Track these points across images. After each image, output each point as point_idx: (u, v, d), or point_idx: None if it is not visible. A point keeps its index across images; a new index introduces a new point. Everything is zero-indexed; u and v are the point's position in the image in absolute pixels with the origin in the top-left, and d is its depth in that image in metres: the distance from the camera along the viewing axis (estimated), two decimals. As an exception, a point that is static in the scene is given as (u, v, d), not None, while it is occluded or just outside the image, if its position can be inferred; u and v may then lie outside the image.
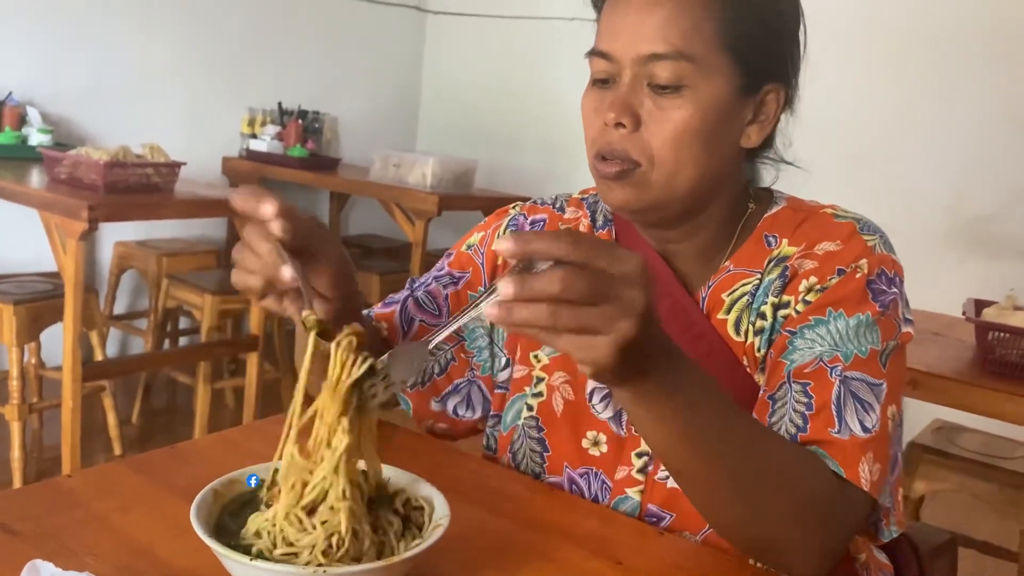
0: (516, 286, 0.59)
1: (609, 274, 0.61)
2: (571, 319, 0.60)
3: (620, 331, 0.61)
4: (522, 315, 0.60)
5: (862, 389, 0.83)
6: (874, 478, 0.81)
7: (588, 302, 0.60)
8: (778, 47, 0.88)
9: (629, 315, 0.61)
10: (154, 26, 3.83)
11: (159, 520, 0.78)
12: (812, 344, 0.85)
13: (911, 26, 3.61)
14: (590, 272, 0.60)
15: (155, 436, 3.30)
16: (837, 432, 0.81)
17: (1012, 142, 3.44)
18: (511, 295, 0.60)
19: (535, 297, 0.60)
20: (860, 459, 0.81)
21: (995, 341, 1.71)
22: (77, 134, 3.58)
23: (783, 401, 0.84)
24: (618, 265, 0.61)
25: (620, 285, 0.61)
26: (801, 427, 0.82)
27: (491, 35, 4.82)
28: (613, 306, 0.61)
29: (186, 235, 3.90)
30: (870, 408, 0.82)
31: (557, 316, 0.60)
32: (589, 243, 0.61)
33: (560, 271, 0.59)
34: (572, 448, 0.97)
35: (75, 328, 2.50)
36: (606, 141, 0.86)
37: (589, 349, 0.62)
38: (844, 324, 0.84)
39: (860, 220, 0.91)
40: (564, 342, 0.62)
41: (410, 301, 1.07)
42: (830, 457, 0.81)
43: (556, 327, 0.60)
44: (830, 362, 0.83)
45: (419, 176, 3.70)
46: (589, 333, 0.61)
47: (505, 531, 0.83)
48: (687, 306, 0.93)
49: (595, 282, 0.60)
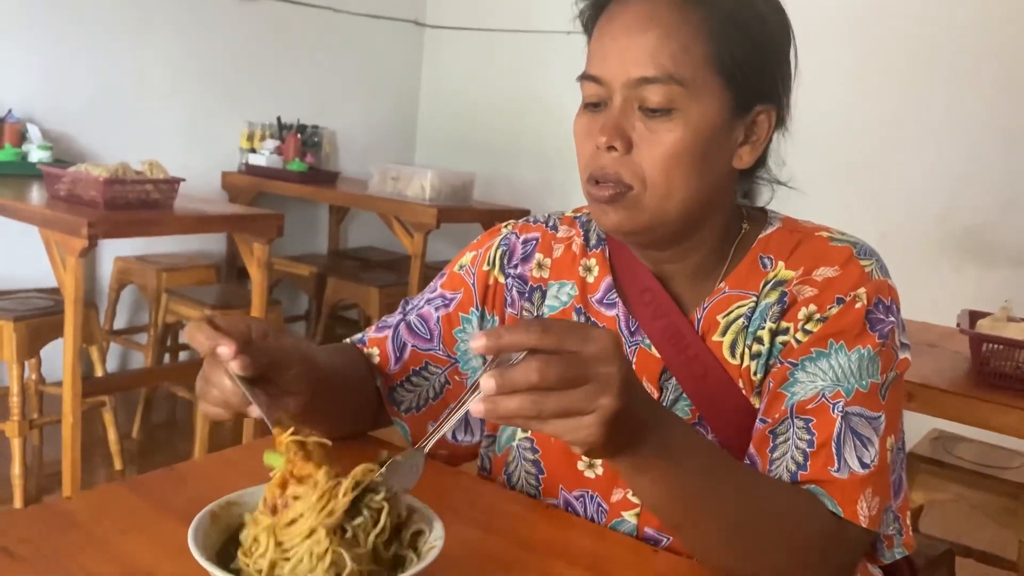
0: (496, 381, 0.62)
1: (582, 356, 0.64)
2: (554, 404, 0.63)
3: (603, 408, 0.64)
4: (508, 408, 0.63)
5: (861, 424, 0.84)
6: (872, 512, 0.83)
7: (567, 386, 0.63)
8: (768, 68, 0.88)
9: (608, 391, 0.64)
10: (153, 43, 3.86)
11: (157, 542, 0.79)
12: (814, 378, 0.86)
13: (906, 37, 3.63)
14: (563, 357, 0.63)
15: (155, 451, 3.30)
16: (836, 471, 0.82)
17: (1007, 151, 3.46)
18: (493, 390, 0.63)
19: (516, 388, 0.62)
20: (859, 497, 0.82)
21: (989, 353, 1.71)
22: (77, 151, 3.60)
23: (785, 437, 0.85)
24: (589, 345, 0.64)
25: (594, 364, 0.64)
26: (802, 464, 0.83)
27: (489, 49, 4.85)
28: (592, 385, 0.64)
29: (185, 250, 3.91)
30: (869, 443, 0.83)
31: (541, 404, 0.63)
32: (557, 329, 0.64)
33: (534, 361, 0.62)
34: (567, 470, 0.98)
35: (75, 344, 2.51)
36: (598, 165, 0.87)
37: (577, 430, 0.65)
38: (846, 359, 0.85)
39: (856, 244, 0.92)
40: (552, 427, 0.65)
41: (402, 326, 1.08)
42: (829, 496, 0.82)
43: (541, 414, 0.63)
44: (832, 398, 0.84)
45: (417, 189, 3.72)
46: (574, 415, 0.64)
47: (500, 550, 0.84)
48: (682, 327, 0.93)
49: (570, 366, 0.63)
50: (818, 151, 3.56)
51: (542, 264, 1.04)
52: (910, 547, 0.90)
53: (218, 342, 0.75)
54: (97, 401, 2.90)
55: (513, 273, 1.05)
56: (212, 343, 0.75)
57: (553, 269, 1.03)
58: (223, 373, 0.77)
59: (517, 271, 1.05)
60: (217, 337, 0.75)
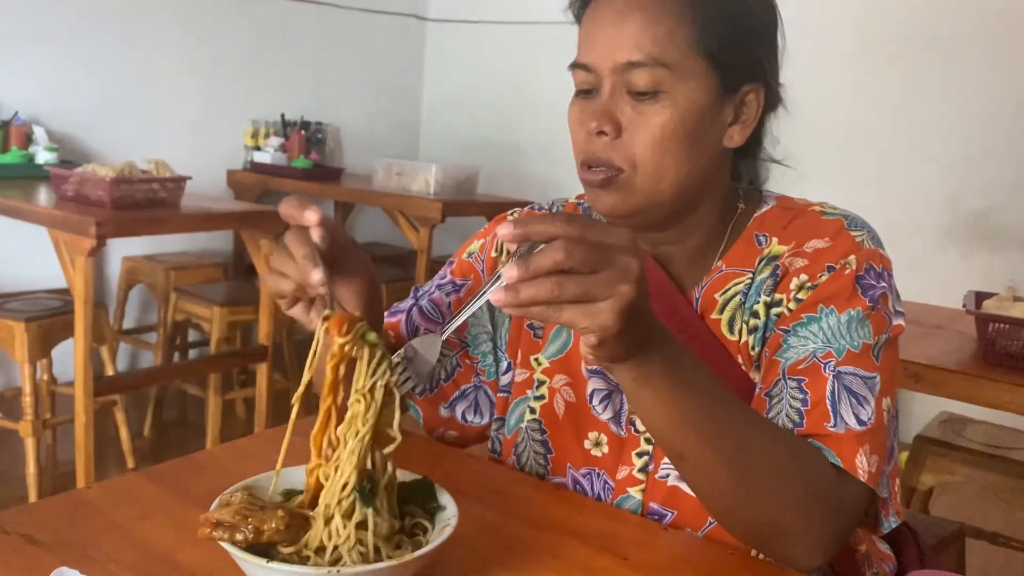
0: (520, 267, 0.64)
1: (605, 243, 0.65)
2: (575, 286, 0.64)
3: (621, 295, 0.65)
4: (528, 292, 0.64)
5: (855, 383, 0.85)
6: (872, 469, 0.83)
7: (588, 270, 0.64)
8: (754, 48, 0.90)
9: (628, 279, 0.65)
10: (156, 42, 3.87)
11: (177, 527, 0.81)
12: (805, 341, 0.87)
13: (910, 21, 3.62)
14: (587, 242, 0.64)
15: (167, 449, 3.33)
16: (833, 426, 0.83)
17: (1011, 134, 3.45)
18: (516, 277, 0.64)
19: (539, 271, 0.64)
20: (857, 451, 0.82)
21: (995, 333, 1.72)
22: (83, 151, 3.62)
23: (779, 397, 0.86)
24: (611, 237, 0.66)
25: (616, 253, 0.65)
26: (797, 422, 0.84)
27: (491, 41, 4.85)
28: (612, 272, 0.65)
29: (193, 248, 3.94)
30: (865, 401, 0.84)
31: (561, 285, 0.64)
32: (582, 220, 0.65)
33: (560, 241, 0.63)
34: (575, 449, 0.99)
35: (86, 344, 2.53)
36: (590, 150, 0.89)
37: (594, 316, 0.65)
38: (836, 320, 0.86)
39: (848, 216, 0.93)
40: (568, 313, 0.65)
41: (415, 310, 1.09)
42: (828, 449, 0.83)
43: (561, 296, 0.64)
44: (823, 358, 0.85)
45: (422, 183, 3.73)
46: (591, 301, 0.65)
47: (513, 530, 0.85)
48: (681, 307, 0.95)
49: (593, 250, 0.64)
50: (824, 137, 3.57)
51: None
52: (900, 515, 0.91)
53: (307, 208, 0.76)
54: (108, 400, 2.92)
55: None
56: (300, 209, 0.76)
57: None
58: (300, 243, 0.76)
59: None
60: (307, 204, 0.77)
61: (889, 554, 1.05)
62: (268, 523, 0.68)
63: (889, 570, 1.02)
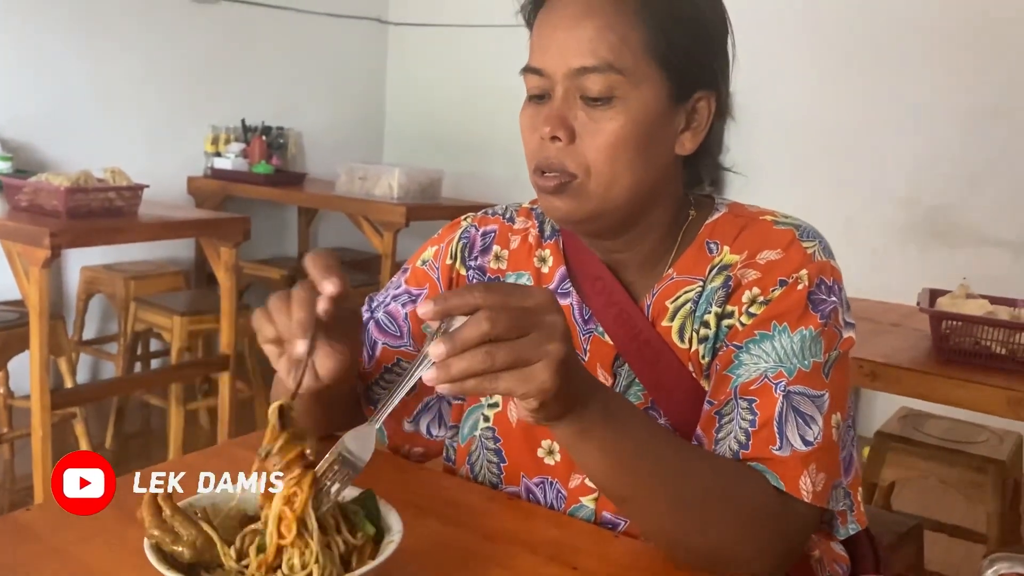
0: (446, 343, 0.64)
1: (527, 306, 0.66)
2: (506, 353, 0.64)
3: (552, 353, 0.66)
4: (460, 367, 0.64)
5: (804, 403, 0.85)
6: (817, 488, 0.84)
7: (515, 335, 0.65)
8: (706, 56, 0.90)
9: (555, 337, 0.66)
10: (112, 49, 3.82)
11: (119, 549, 0.79)
12: (758, 360, 0.87)
13: (865, 25, 3.67)
14: (509, 308, 0.65)
15: (130, 460, 3.28)
16: (778, 449, 0.84)
17: (964, 133, 3.51)
18: (444, 353, 0.64)
19: (467, 345, 0.64)
20: (801, 473, 0.83)
21: (949, 330, 1.74)
22: (37, 160, 3.55)
23: (729, 417, 0.86)
24: (531, 299, 0.67)
25: (538, 314, 0.66)
26: (744, 443, 0.85)
27: (453, 45, 4.84)
28: (539, 333, 0.66)
29: (155, 257, 3.88)
30: (812, 421, 0.85)
31: (493, 355, 0.64)
32: (499, 287, 0.67)
33: (483, 312, 0.64)
34: (527, 458, 0.99)
35: (42, 356, 2.49)
36: (543, 155, 0.88)
37: (531, 379, 0.66)
38: (788, 340, 0.87)
39: (799, 226, 0.93)
40: (504, 382, 0.66)
41: (371, 324, 1.08)
42: (772, 472, 0.83)
43: (494, 366, 0.64)
44: (774, 378, 0.86)
45: (385, 188, 3.72)
46: (524, 365, 0.65)
47: (463, 542, 0.85)
48: (633, 314, 0.95)
49: (516, 315, 0.65)
50: (781, 141, 3.60)
51: (499, 256, 1.05)
52: (863, 522, 0.92)
53: (333, 277, 0.75)
54: (68, 413, 2.87)
55: (474, 265, 1.06)
56: (323, 275, 0.76)
57: (510, 260, 1.04)
58: (303, 307, 0.76)
59: (477, 263, 1.06)
60: (333, 272, 0.76)
61: (843, 555, 1.05)
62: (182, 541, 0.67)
63: (842, 571, 1.03)
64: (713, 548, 0.81)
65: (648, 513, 0.80)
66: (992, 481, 2.16)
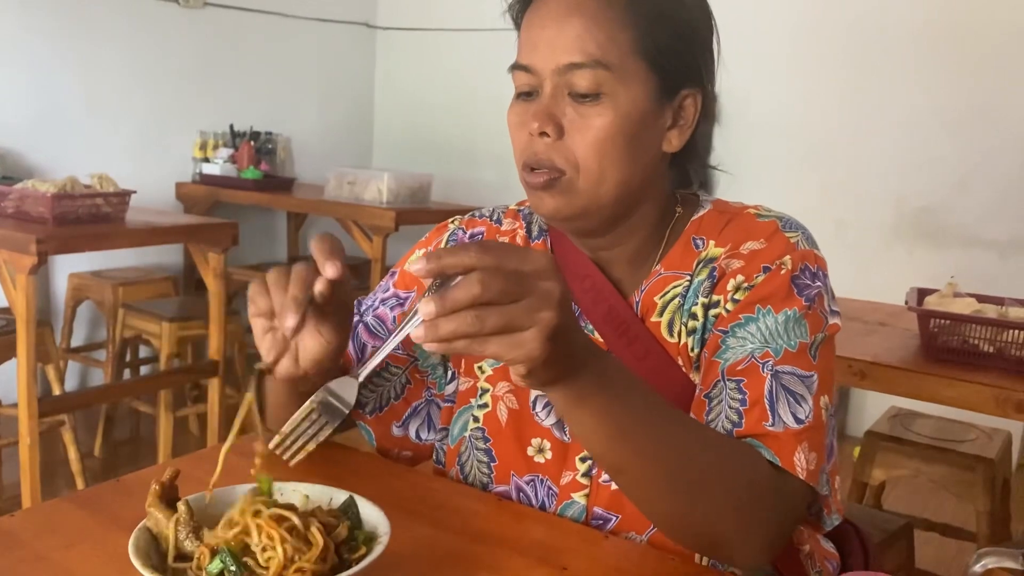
0: (436, 302, 0.62)
1: (523, 271, 0.64)
2: (496, 318, 0.62)
3: (544, 321, 0.63)
4: (448, 327, 0.62)
5: (793, 382, 0.85)
6: (810, 467, 0.83)
7: (508, 300, 0.63)
8: (692, 54, 0.91)
9: (549, 305, 0.64)
10: (99, 55, 3.80)
11: (103, 555, 0.78)
12: (743, 342, 0.87)
13: (853, 28, 3.69)
14: (504, 272, 0.63)
15: (119, 468, 3.26)
16: (771, 425, 0.83)
17: (952, 134, 3.53)
18: (433, 312, 0.62)
19: (457, 306, 0.62)
20: (795, 449, 0.83)
21: (937, 328, 1.74)
22: (24, 167, 3.53)
23: (719, 399, 0.86)
24: (528, 263, 0.64)
25: (534, 279, 0.64)
26: (736, 422, 0.84)
27: (441, 49, 4.84)
28: (533, 299, 0.63)
29: (143, 263, 3.86)
30: (802, 400, 0.85)
31: (482, 319, 0.62)
32: (497, 247, 0.64)
33: (476, 274, 0.62)
34: (518, 456, 0.98)
35: (29, 364, 2.47)
36: (532, 152, 0.89)
37: (519, 346, 0.64)
38: (773, 320, 0.87)
39: (782, 218, 0.94)
40: (493, 346, 0.64)
41: (360, 327, 1.07)
42: (766, 448, 0.83)
43: (483, 330, 0.62)
44: (761, 358, 0.86)
45: (374, 192, 3.71)
46: (515, 330, 0.63)
47: (451, 545, 0.84)
48: (622, 311, 0.95)
49: (511, 279, 0.63)
50: (770, 144, 3.62)
51: None
52: (840, 512, 0.92)
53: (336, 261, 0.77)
54: (56, 420, 2.85)
55: None
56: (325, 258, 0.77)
57: None
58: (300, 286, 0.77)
59: None
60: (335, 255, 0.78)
61: (833, 552, 1.05)
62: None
63: (833, 568, 1.03)
64: (708, 523, 0.80)
65: (644, 485, 0.79)
66: (982, 479, 2.17)
